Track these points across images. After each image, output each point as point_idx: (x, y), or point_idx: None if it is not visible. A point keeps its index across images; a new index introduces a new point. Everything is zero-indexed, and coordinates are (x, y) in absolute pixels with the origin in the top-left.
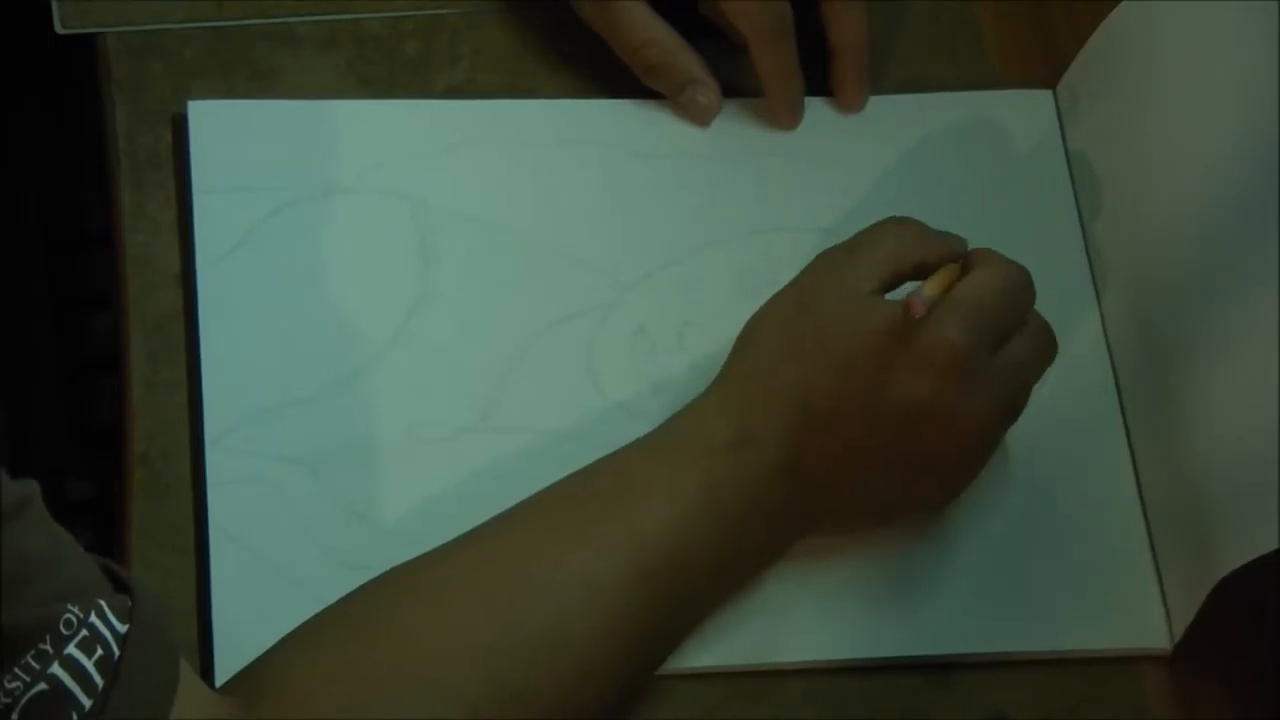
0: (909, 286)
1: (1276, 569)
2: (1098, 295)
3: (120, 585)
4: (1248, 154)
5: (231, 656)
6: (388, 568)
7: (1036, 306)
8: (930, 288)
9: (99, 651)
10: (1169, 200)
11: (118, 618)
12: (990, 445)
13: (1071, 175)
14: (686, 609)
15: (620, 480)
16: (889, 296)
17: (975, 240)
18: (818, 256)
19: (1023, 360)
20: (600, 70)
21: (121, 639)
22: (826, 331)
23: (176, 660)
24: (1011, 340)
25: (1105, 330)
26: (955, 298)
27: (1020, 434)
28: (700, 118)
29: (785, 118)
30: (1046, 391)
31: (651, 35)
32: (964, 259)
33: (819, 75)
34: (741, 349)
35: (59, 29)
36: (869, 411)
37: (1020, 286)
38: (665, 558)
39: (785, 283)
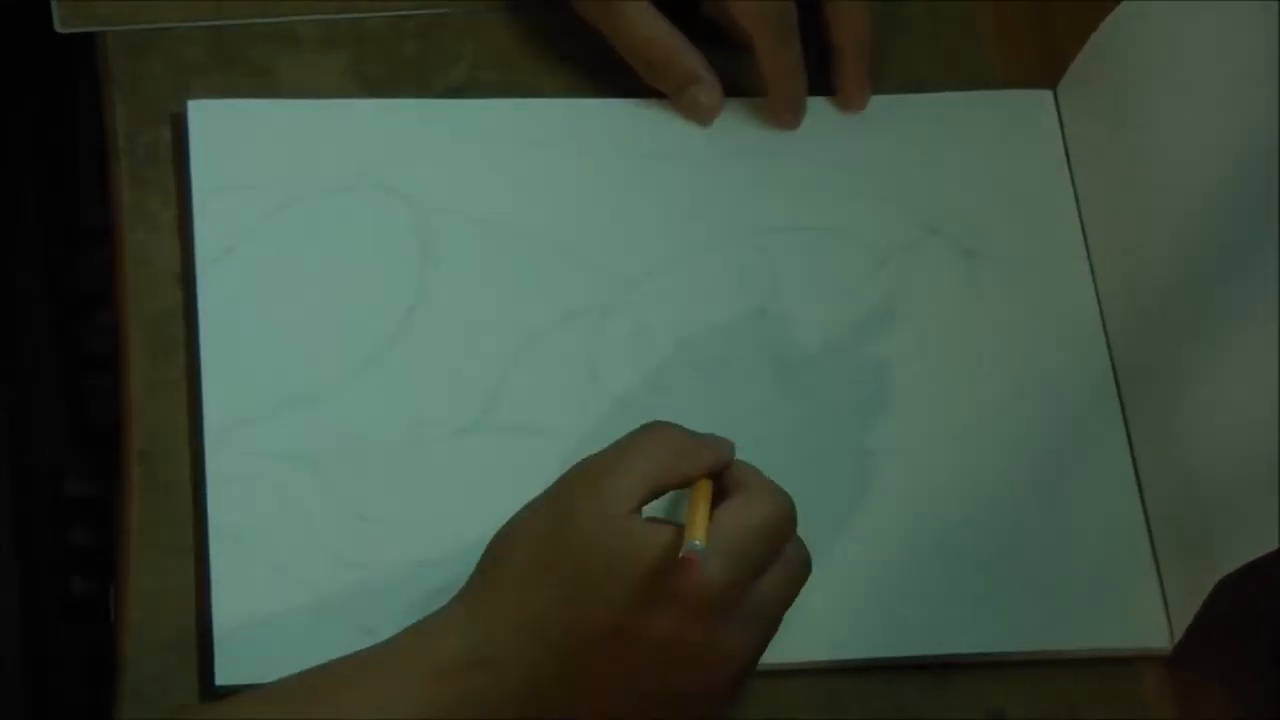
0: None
1: (1276, 569)
2: (1098, 295)
3: None
4: (1247, 154)
5: (231, 656)
6: (384, 566)
7: (1037, 306)
8: (697, 529)
9: None
10: (1169, 200)
11: None
12: (745, 679)
13: (1071, 175)
14: None
15: (353, 692)
16: (647, 509)
17: (977, 241)
18: (573, 469)
19: (780, 591)
20: (600, 70)
21: None
22: (581, 557)
23: None
24: (769, 570)
25: (1105, 330)
26: (719, 532)
27: (1020, 434)
28: (701, 117)
29: (787, 117)
30: (1047, 392)
31: (653, 33)
32: (722, 470)
33: (819, 75)
34: (490, 563)
35: (58, 28)
36: (619, 645)
37: (785, 518)
38: None
39: (785, 283)
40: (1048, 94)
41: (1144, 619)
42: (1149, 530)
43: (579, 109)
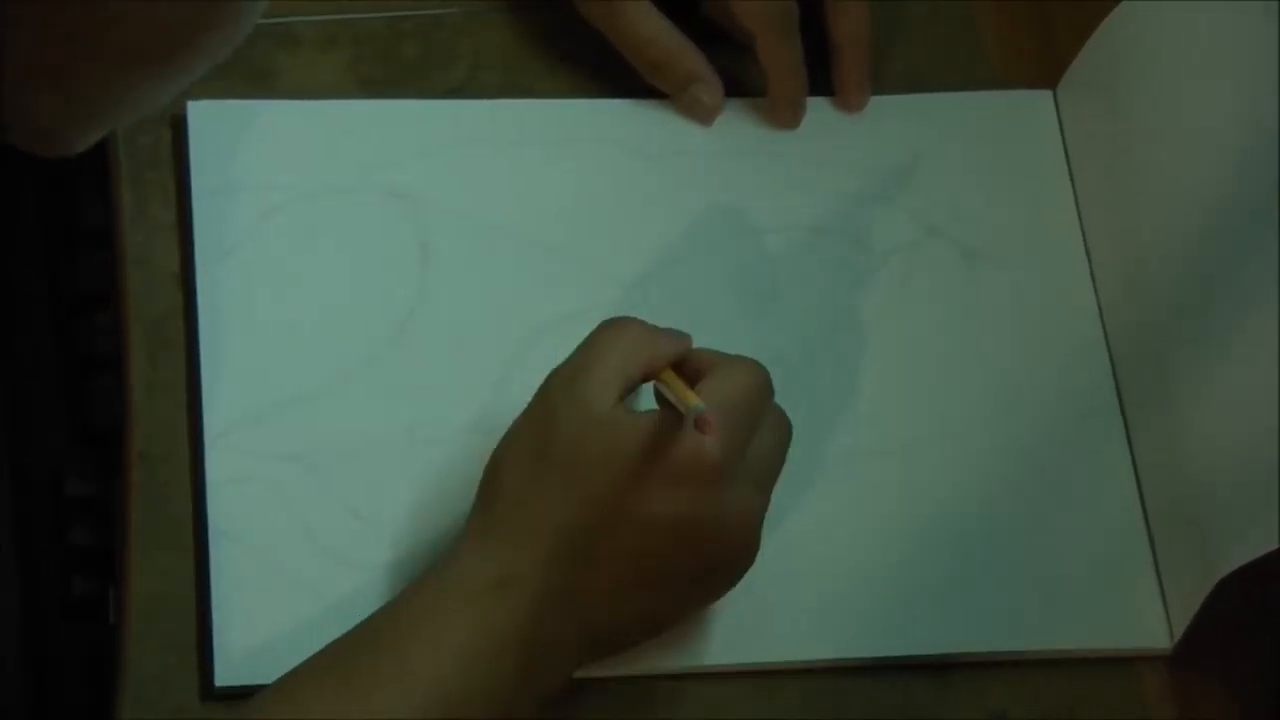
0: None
1: (1276, 569)
2: (1098, 295)
3: None
4: (1248, 154)
5: (231, 656)
6: (385, 567)
7: (1037, 306)
8: (691, 397)
9: None
10: (1169, 200)
11: None
12: (757, 537)
13: (1071, 175)
14: None
15: (396, 633)
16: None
17: (977, 241)
18: (549, 379)
19: (770, 452)
20: (600, 70)
21: None
22: (578, 457)
23: None
24: (757, 434)
25: (1105, 329)
26: (719, 401)
27: (1020, 434)
28: (703, 117)
29: (788, 115)
30: (1047, 392)
31: (655, 33)
32: (687, 354)
33: (819, 75)
34: (489, 486)
35: None
36: (634, 534)
37: (762, 382)
38: (443, 706)
39: (784, 283)
40: (1048, 94)
41: (1144, 619)
42: (1149, 530)
43: (579, 109)
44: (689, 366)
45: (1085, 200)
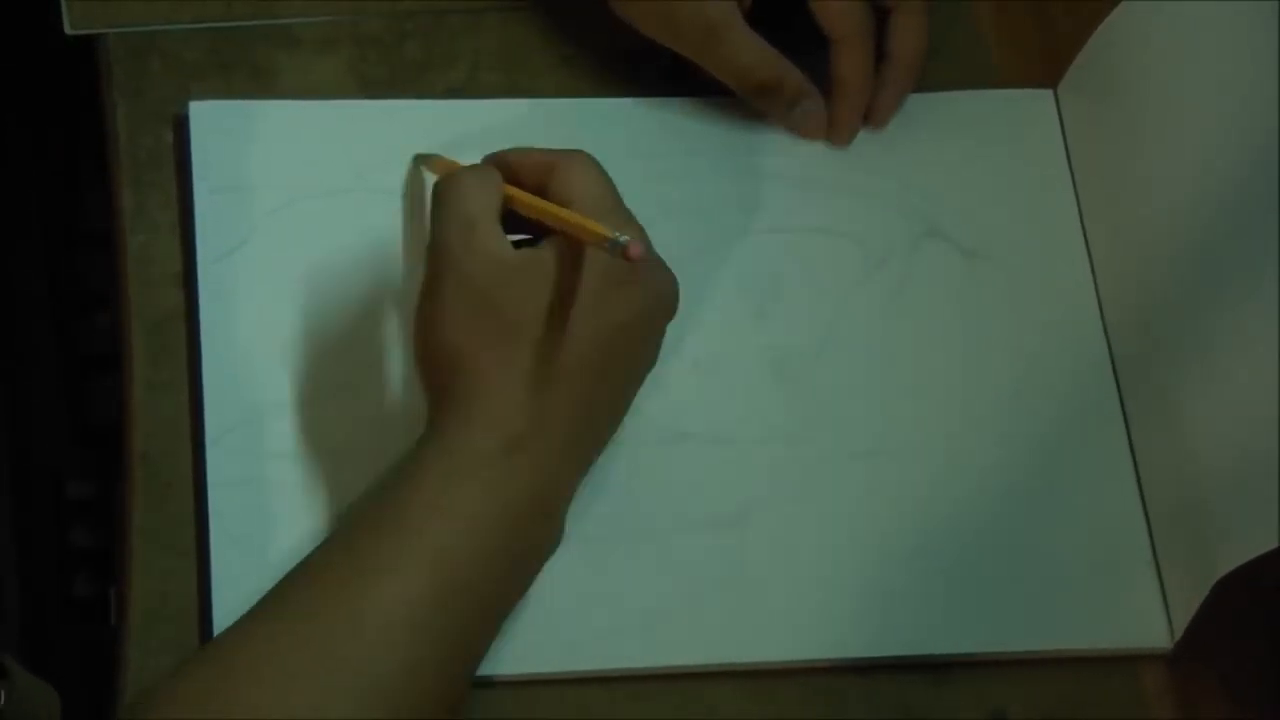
0: None
1: (1276, 569)
2: (1098, 295)
3: (3, 671)
4: (1247, 154)
5: None
6: None
7: (1037, 306)
8: (599, 227)
9: None
10: (1169, 200)
11: None
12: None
13: (1072, 175)
14: (494, 613)
15: (407, 506)
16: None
17: (977, 241)
18: (436, 249)
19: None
20: (600, 70)
21: None
22: (517, 307)
23: None
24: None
25: (1105, 330)
26: (597, 208)
27: (1020, 434)
28: (817, 130)
29: (848, 123)
30: (1047, 392)
31: (759, 59)
32: (516, 168)
33: (820, 75)
34: (443, 364)
35: (68, 30)
36: (598, 347)
37: (595, 160)
38: (465, 570)
39: (785, 283)
40: (1048, 94)
41: (1144, 619)
42: (1149, 530)
43: (579, 109)
44: (519, 174)
45: (1085, 200)
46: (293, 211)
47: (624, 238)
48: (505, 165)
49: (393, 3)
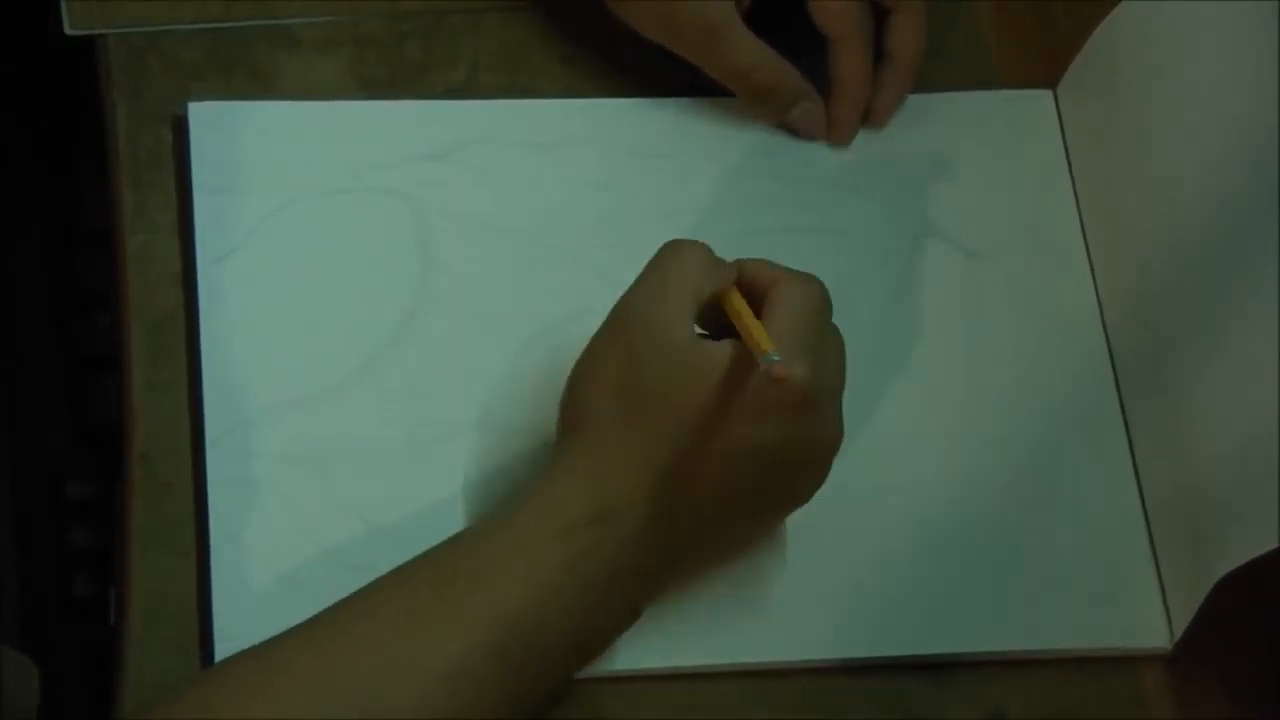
0: None
1: (1276, 569)
2: (1098, 295)
3: None
4: (1247, 153)
5: None
6: (387, 568)
7: (1037, 306)
8: (763, 342)
9: None
10: (1169, 200)
11: None
12: (832, 458)
13: (1071, 175)
14: (545, 680)
15: (476, 561)
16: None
17: (977, 241)
18: (621, 305)
19: (837, 367)
20: (600, 70)
21: None
22: (665, 392)
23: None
24: (826, 348)
25: (1105, 330)
26: (785, 330)
27: (1020, 434)
28: (816, 131)
29: (849, 122)
30: (1047, 391)
31: (758, 60)
32: (747, 275)
33: (818, 75)
34: (576, 419)
35: (68, 30)
36: (728, 462)
37: (823, 296)
38: (523, 638)
39: None
40: (1048, 94)
41: (1144, 619)
42: (1149, 530)
43: (579, 109)
44: (747, 281)
45: (1085, 200)
46: (292, 212)
47: (778, 357)
48: (742, 270)
49: (393, 3)
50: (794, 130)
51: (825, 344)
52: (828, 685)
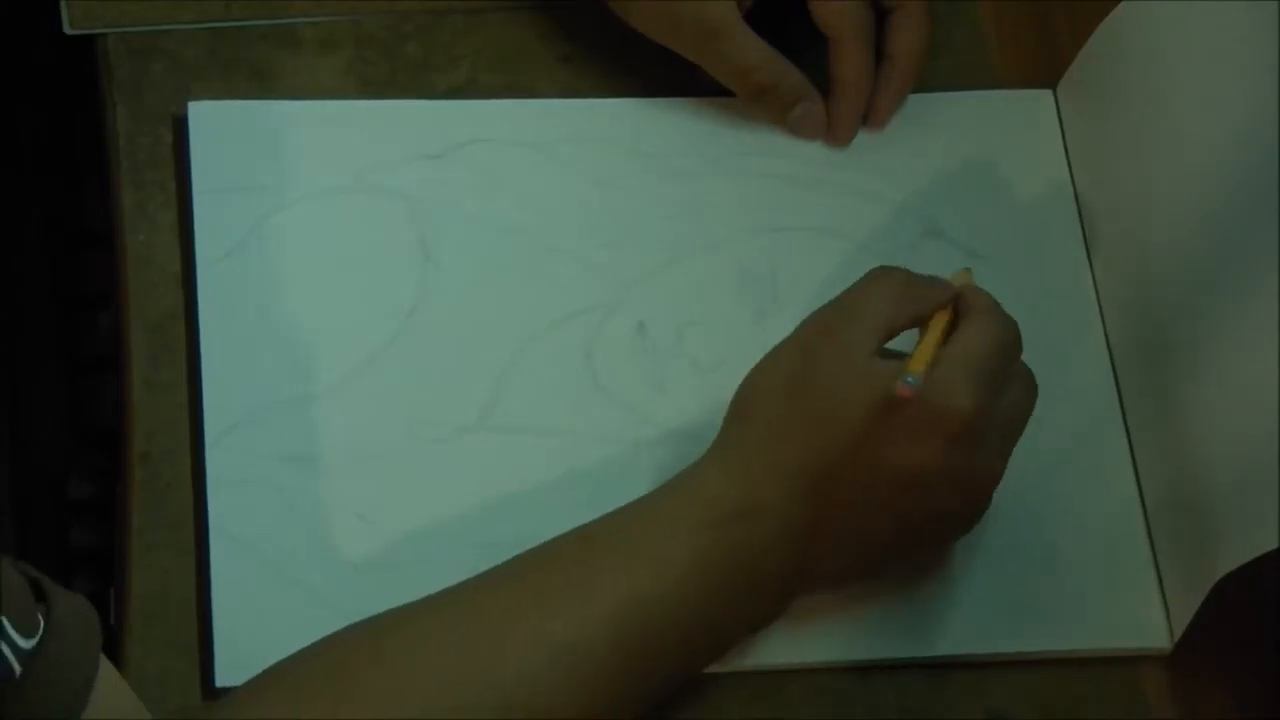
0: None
1: (1276, 569)
2: (1098, 295)
3: (42, 594)
4: (1247, 153)
5: (231, 656)
6: (387, 568)
7: (1037, 306)
8: (916, 363)
9: None
10: (1169, 200)
11: (22, 633)
12: (990, 496)
13: (1071, 175)
14: (672, 675)
15: (615, 545)
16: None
17: (976, 239)
18: (811, 318)
19: (1018, 409)
20: (600, 70)
21: (27, 654)
22: (832, 402)
23: (90, 673)
24: (1007, 389)
25: (1105, 330)
26: (959, 359)
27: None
28: (816, 131)
29: (848, 122)
30: (1046, 392)
31: (758, 59)
32: (954, 301)
33: (816, 74)
34: (742, 414)
35: (67, 29)
36: (880, 480)
37: (1013, 338)
38: (654, 628)
39: (785, 283)
40: (1048, 94)
41: (1144, 619)
42: (1149, 530)
43: (579, 109)
44: (960, 309)
45: (1085, 199)
46: (292, 212)
47: (910, 379)
48: (943, 300)
49: (393, 3)
50: (794, 130)
51: (1004, 382)
52: (828, 686)
